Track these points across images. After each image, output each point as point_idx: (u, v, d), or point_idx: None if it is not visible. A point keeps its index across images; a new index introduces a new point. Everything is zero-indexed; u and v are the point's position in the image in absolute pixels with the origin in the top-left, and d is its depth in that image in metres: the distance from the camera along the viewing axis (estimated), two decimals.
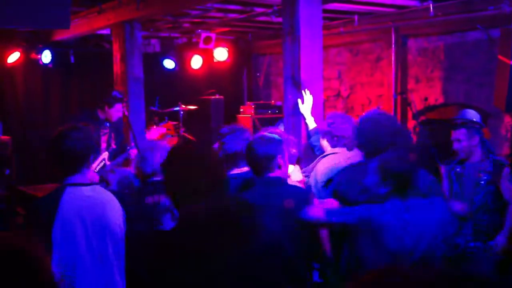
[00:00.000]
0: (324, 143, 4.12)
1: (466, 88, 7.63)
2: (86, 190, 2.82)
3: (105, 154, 5.79)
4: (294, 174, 3.98)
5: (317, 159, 4.10)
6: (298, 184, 3.76)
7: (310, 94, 4.64)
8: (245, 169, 3.54)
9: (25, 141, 8.39)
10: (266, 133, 3.35)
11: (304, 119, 4.61)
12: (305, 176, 4.14)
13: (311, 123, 4.56)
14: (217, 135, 3.81)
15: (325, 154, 4.06)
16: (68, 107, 8.93)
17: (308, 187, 3.95)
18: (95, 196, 2.80)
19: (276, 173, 3.15)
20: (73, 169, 2.85)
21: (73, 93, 9.13)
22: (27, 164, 8.33)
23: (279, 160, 3.13)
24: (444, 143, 6.11)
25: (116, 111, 6.25)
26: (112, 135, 6.39)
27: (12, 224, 6.70)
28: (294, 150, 4.23)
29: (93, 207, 2.77)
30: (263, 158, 3.11)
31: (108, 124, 6.27)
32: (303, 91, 4.60)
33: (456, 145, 4.52)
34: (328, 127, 4.07)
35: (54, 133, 2.92)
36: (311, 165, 4.17)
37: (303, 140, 4.61)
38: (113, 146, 6.30)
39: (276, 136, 3.27)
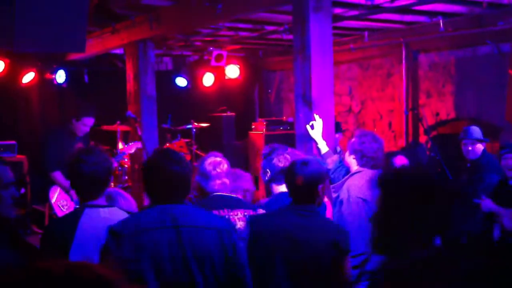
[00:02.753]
0: (351, 160, 4.11)
1: (478, 102, 7.64)
2: (104, 212, 2.86)
3: None
4: None
5: (347, 176, 4.10)
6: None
7: (321, 112, 4.67)
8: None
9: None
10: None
11: (316, 143, 4.62)
12: (333, 192, 4.16)
13: (323, 147, 4.56)
14: (261, 155, 3.94)
15: (355, 171, 4.06)
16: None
17: (339, 202, 3.95)
18: (111, 218, 2.82)
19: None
20: (95, 194, 2.89)
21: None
22: (43, 183, 8.43)
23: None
24: (455, 157, 6.13)
25: (83, 126, 6.07)
26: None
27: (26, 243, 6.75)
28: None
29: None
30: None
31: (78, 138, 6.14)
32: (314, 116, 4.61)
33: None
34: (359, 146, 4.05)
35: (71, 157, 2.96)
36: (339, 182, 4.16)
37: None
38: None
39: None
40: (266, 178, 3.82)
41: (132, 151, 6.79)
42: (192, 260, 2.56)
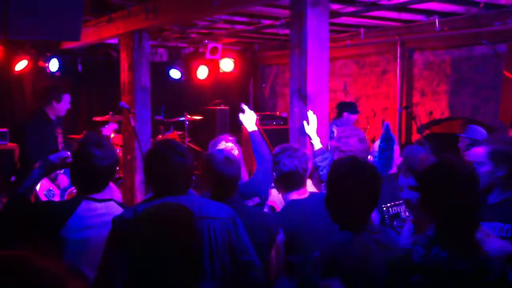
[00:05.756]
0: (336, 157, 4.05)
1: (472, 102, 7.65)
2: (101, 207, 2.78)
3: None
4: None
5: None
6: None
7: (316, 107, 4.65)
8: (305, 193, 3.46)
9: None
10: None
11: (310, 139, 4.58)
12: (325, 190, 4.07)
13: (317, 144, 4.51)
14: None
15: None
16: (76, 115, 8.98)
17: None
18: (108, 213, 2.74)
19: None
20: (101, 187, 2.82)
21: (81, 101, 9.18)
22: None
23: None
24: None
25: (66, 103, 6.03)
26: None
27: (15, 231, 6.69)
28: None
29: (104, 225, 2.69)
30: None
31: (56, 123, 6.08)
32: (308, 112, 4.58)
33: None
34: (337, 142, 4.03)
35: (77, 148, 2.85)
36: None
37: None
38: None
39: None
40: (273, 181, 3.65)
41: (110, 133, 6.75)
42: (216, 251, 2.63)
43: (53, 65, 8.30)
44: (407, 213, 3.49)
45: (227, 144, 3.84)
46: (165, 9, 6.34)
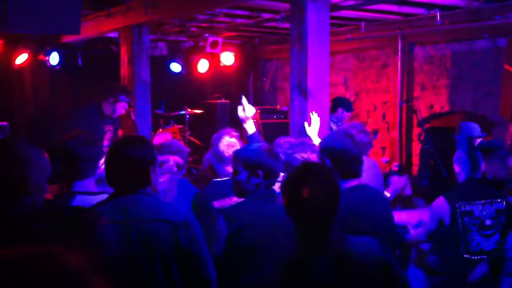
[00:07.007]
0: None
1: (472, 97, 7.64)
2: (95, 200, 2.75)
3: None
4: None
5: None
6: None
7: (317, 102, 4.65)
8: None
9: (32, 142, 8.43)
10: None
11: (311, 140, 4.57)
12: None
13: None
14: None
15: None
16: (75, 109, 8.95)
17: None
18: None
19: None
20: (82, 175, 2.85)
21: (80, 95, 9.17)
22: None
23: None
24: (448, 150, 6.13)
25: (120, 108, 5.98)
26: (116, 133, 6.17)
27: None
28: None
29: None
30: None
31: (110, 120, 6.03)
32: (311, 114, 4.57)
33: None
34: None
35: (63, 138, 2.92)
36: None
37: None
38: None
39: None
40: None
41: (162, 140, 6.53)
42: (142, 256, 2.43)
43: (54, 58, 8.30)
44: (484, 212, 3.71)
45: (231, 140, 3.78)
46: (164, 3, 6.33)
